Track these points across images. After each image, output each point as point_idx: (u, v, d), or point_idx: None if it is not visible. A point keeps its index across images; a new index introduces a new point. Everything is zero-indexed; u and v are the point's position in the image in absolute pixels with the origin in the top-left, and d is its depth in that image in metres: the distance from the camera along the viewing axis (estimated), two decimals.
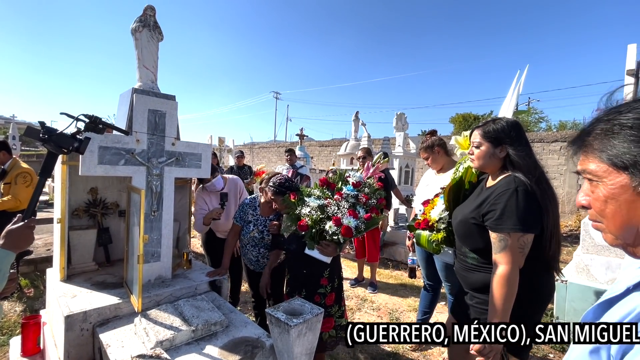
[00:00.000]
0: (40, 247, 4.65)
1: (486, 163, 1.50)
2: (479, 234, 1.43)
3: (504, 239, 1.31)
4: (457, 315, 1.70)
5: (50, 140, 1.29)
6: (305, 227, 1.80)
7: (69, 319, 1.60)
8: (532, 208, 1.30)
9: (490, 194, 1.43)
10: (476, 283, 1.49)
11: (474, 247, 1.49)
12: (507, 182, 1.39)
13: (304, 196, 1.92)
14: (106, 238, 2.40)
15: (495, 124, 1.47)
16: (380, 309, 3.41)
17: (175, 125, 2.11)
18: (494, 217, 1.34)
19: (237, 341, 1.64)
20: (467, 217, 1.50)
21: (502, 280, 1.29)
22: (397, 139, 7.39)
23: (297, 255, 1.93)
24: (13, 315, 3.18)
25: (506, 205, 1.32)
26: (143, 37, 2.09)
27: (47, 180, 6.19)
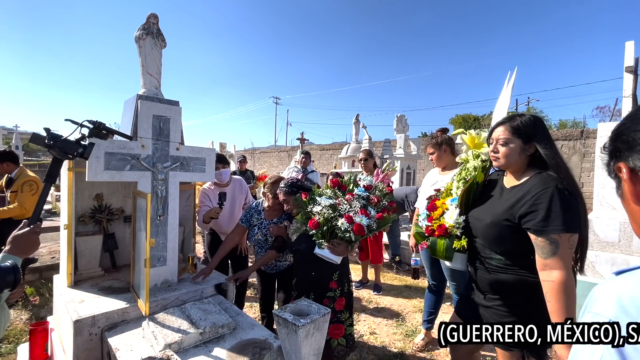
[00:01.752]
0: (45, 255, 4.67)
1: (514, 161, 1.43)
2: (513, 236, 1.37)
3: (555, 241, 1.23)
4: (464, 315, 1.67)
5: (55, 146, 1.31)
6: (316, 224, 1.81)
7: (77, 324, 1.62)
8: (574, 207, 1.25)
9: (525, 194, 1.35)
10: (500, 285, 1.45)
11: (504, 249, 1.42)
12: (543, 181, 1.32)
13: (316, 196, 1.94)
14: (112, 244, 2.42)
15: (522, 118, 1.42)
16: (385, 310, 3.40)
17: (180, 131, 2.13)
18: (538, 218, 1.26)
19: (244, 343, 1.64)
20: (500, 219, 1.41)
21: (562, 287, 1.21)
22: (398, 141, 7.42)
23: (305, 255, 1.94)
24: (19, 324, 3.19)
25: (550, 206, 1.24)
26: (147, 44, 2.12)
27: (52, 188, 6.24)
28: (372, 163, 3.97)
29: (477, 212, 1.59)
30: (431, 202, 1.89)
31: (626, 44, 2.83)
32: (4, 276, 0.71)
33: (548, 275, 1.25)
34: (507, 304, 1.43)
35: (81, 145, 1.39)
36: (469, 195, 1.72)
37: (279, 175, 2.47)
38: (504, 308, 1.44)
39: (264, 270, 2.58)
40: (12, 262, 0.74)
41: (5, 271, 0.71)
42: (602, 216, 2.68)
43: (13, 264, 0.74)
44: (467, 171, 1.77)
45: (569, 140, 8.70)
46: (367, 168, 3.93)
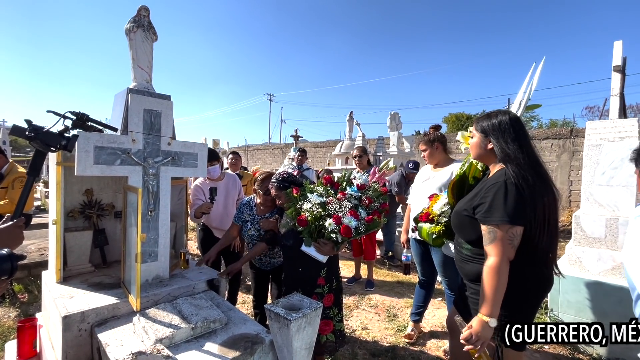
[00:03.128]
0: (33, 252, 4.59)
1: (478, 154, 1.56)
2: (471, 225, 1.46)
3: (493, 230, 1.34)
4: (459, 307, 1.73)
5: (36, 138, 1.27)
6: (304, 222, 1.80)
7: (66, 320, 1.60)
8: (519, 201, 1.31)
9: (482, 187, 1.47)
10: (470, 274, 1.52)
11: (467, 238, 1.53)
12: (497, 176, 1.42)
13: (307, 192, 1.93)
14: (102, 239, 2.39)
15: (488, 116, 1.52)
16: (377, 306, 3.43)
17: (171, 125, 2.11)
18: (483, 209, 1.38)
19: (236, 338, 1.64)
20: (461, 209, 1.55)
21: (492, 272, 1.31)
22: (392, 138, 7.46)
23: (293, 251, 1.94)
24: (7, 321, 3.14)
25: (494, 198, 1.34)
26: (137, 37, 2.09)
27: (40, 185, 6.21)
28: (366, 160, 3.98)
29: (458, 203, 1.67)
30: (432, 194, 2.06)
31: (614, 44, 2.89)
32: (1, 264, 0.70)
33: (486, 260, 1.36)
34: (477, 292, 1.48)
35: (64, 137, 1.35)
36: (461, 188, 1.79)
37: (269, 171, 2.47)
38: (476, 296, 1.49)
39: (258, 267, 2.58)
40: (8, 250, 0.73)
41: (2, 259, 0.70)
42: (589, 213, 2.73)
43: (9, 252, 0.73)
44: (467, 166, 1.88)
45: (558, 139, 8.84)
46: (361, 165, 3.94)
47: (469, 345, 1.30)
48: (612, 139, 2.68)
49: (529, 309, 1.46)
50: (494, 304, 1.30)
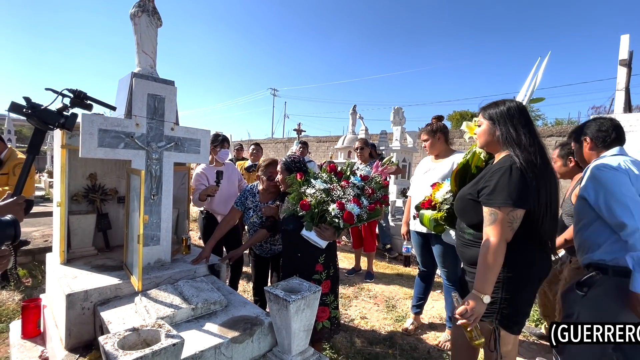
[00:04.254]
0: (37, 238, 4.66)
1: (485, 141, 1.56)
2: (474, 209, 1.48)
3: (494, 212, 1.36)
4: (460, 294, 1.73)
5: (34, 116, 1.28)
6: (307, 206, 1.83)
7: (70, 298, 1.63)
8: (523, 185, 1.33)
9: (488, 171, 1.49)
10: (472, 258, 1.53)
11: (469, 222, 1.55)
12: (503, 161, 1.44)
13: (311, 178, 1.96)
14: (105, 224, 2.42)
15: (495, 104, 1.53)
16: (377, 297, 3.45)
17: (175, 111, 2.12)
18: (487, 192, 1.40)
19: (236, 319, 1.67)
20: (465, 193, 1.57)
21: (489, 251, 1.34)
22: (395, 133, 7.43)
23: (292, 236, 1.96)
24: (12, 304, 3.19)
25: (498, 181, 1.36)
26: (142, 22, 2.09)
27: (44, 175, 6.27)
28: (367, 152, 3.98)
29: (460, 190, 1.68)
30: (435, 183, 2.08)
31: (621, 37, 2.85)
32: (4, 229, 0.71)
33: (484, 241, 1.38)
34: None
35: (63, 115, 1.36)
36: (463, 176, 1.80)
37: (273, 158, 2.48)
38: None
39: (259, 254, 2.60)
40: (12, 216, 0.75)
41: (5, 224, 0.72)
42: None
43: (13, 218, 0.74)
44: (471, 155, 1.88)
45: (563, 137, 8.77)
46: (362, 157, 3.94)
47: (462, 320, 1.34)
48: None
49: (530, 293, 1.48)
50: (488, 282, 1.34)
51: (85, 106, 1.46)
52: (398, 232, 5.21)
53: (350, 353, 2.41)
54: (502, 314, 1.44)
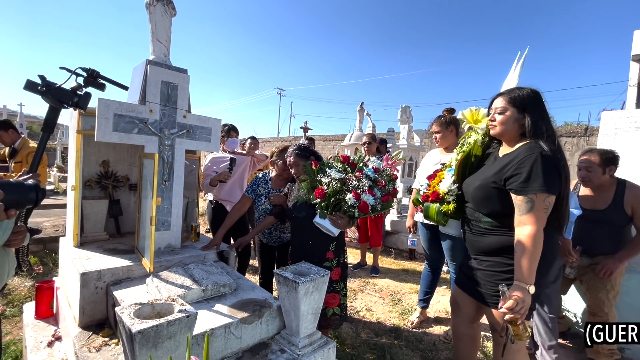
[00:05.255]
0: (48, 228, 4.75)
1: (508, 129, 1.54)
2: (499, 197, 1.47)
3: (531, 200, 1.35)
4: (463, 285, 1.74)
5: (48, 94, 1.30)
6: (323, 194, 1.85)
7: (84, 276, 1.66)
8: (554, 171, 1.36)
9: (513, 159, 1.46)
10: (488, 246, 1.53)
11: (491, 210, 1.53)
12: (529, 148, 1.43)
13: (326, 167, 1.98)
14: (117, 209, 2.47)
15: (520, 90, 1.52)
16: (382, 291, 3.46)
17: (187, 99, 2.16)
18: (520, 180, 1.38)
19: (245, 301, 1.69)
20: (488, 182, 1.53)
21: (530, 240, 1.32)
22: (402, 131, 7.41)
23: (304, 224, 1.98)
24: (23, 290, 3.26)
25: (532, 169, 1.36)
26: (157, 11, 2.13)
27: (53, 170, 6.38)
28: (375, 147, 4.00)
29: (469, 178, 1.72)
30: (434, 173, 2.00)
31: (635, 33, 2.83)
32: (27, 192, 0.74)
33: (521, 229, 1.37)
34: (496, 263, 1.51)
35: (76, 94, 1.38)
36: (465, 166, 1.80)
37: (286, 144, 2.50)
38: (495, 268, 1.52)
39: (266, 243, 2.63)
40: (34, 181, 0.78)
41: (28, 188, 0.75)
42: None
43: (35, 182, 0.77)
44: (469, 145, 1.85)
45: (572, 137, 8.69)
46: (370, 152, 3.95)
47: (511, 315, 1.30)
48: (628, 128, 2.64)
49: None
50: (532, 271, 1.32)
51: (98, 85, 1.47)
52: (404, 228, 5.21)
53: (356, 343, 2.42)
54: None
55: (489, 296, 1.54)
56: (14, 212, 0.70)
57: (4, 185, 0.69)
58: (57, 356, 1.74)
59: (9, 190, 0.68)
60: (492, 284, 1.51)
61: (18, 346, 2.26)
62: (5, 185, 0.68)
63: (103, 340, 1.53)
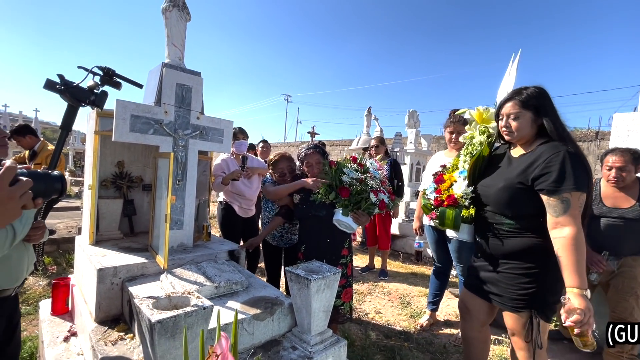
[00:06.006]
0: (62, 229, 4.85)
1: (525, 133, 1.49)
2: (525, 198, 1.43)
3: (566, 199, 1.30)
4: (475, 288, 1.72)
5: (67, 92, 1.35)
6: (347, 193, 1.94)
7: (101, 272, 1.71)
8: (582, 168, 1.34)
9: (536, 158, 1.41)
10: (510, 250, 1.50)
11: (516, 212, 1.48)
12: (553, 147, 1.39)
13: (342, 167, 2.07)
14: (131, 209, 2.52)
15: (528, 91, 1.48)
16: (391, 294, 3.44)
17: (200, 101, 2.21)
18: (550, 179, 1.33)
19: (257, 299, 1.71)
20: (513, 182, 1.47)
21: (574, 242, 1.26)
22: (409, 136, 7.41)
23: (323, 223, 2.04)
24: (38, 289, 3.33)
25: (562, 167, 1.32)
26: (173, 16, 2.20)
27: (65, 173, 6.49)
28: (383, 150, 4.01)
29: (487, 180, 1.65)
30: (438, 176, 1.95)
31: None
32: (53, 182, 0.77)
33: (559, 232, 1.31)
34: (518, 267, 1.48)
35: (93, 92, 1.43)
36: (475, 168, 1.78)
37: (280, 153, 2.53)
38: (516, 271, 1.49)
39: (276, 245, 2.65)
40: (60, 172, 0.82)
41: (54, 178, 0.78)
42: None
43: (60, 173, 0.81)
44: (474, 146, 1.84)
45: (583, 142, 8.58)
46: (378, 154, 3.97)
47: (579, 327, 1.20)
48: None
49: None
50: (583, 274, 1.25)
51: (114, 84, 1.52)
52: (412, 232, 5.19)
53: (366, 344, 2.42)
54: (543, 303, 1.42)
55: (509, 300, 1.51)
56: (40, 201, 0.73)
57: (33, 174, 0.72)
58: (73, 351, 1.78)
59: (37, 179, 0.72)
60: (514, 287, 1.48)
61: (34, 342, 2.31)
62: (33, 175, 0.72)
63: (119, 335, 1.56)
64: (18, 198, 0.63)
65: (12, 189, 0.62)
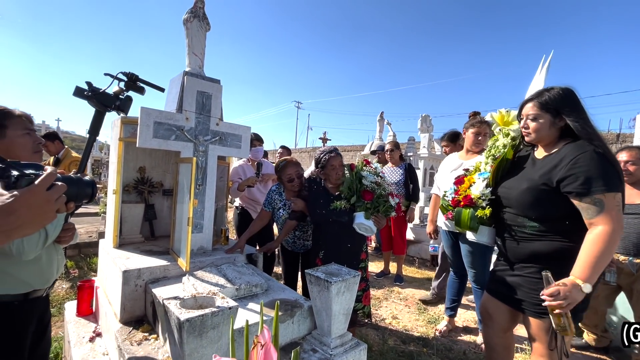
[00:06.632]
0: (83, 234, 5.00)
1: (543, 135, 1.47)
2: (549, 200, 1.40)
3: (599, 201, 1.25)
4: (498, 293, 1.69)
5: (94, 98, 1.42)
6: (370, 196, 2.00)
7: (125, 274, 1.75)
8: (612, 168, 1.29)
9: (562, 159, 1.37)
10: (532, 253, 1.47)
11: (540, 214, 1.45)
12: (578, 147, 1.35)
13: (360, 170, 2.13)
14: (152, 214, 2.59)
15: (550, 92, 1.46)
16: (407, 299, 3.40)
17: (219, 107, 2.27)
18: (579, 181, 1.28)
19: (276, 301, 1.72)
20: (537, 184, 1.43)
21: (605, 237, 1.22)
22: (422, 140, 7.38)
23: (344, 227, 2.07)
24: (61, 291, 3.43)
25: (590, 167, 1.27)
26: (193, 26, 2.28)
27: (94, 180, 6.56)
28: (398, 154, 4.00)
29: (509, 182, 1.63)
30: (460, 177, 1.96)
31: None
32: (85, 187, 0.80)
33: (593, 229, 1.27)
34: (536, 270, 1.45)
35: (118, 98, 1.49)
36: (498, 170, 1.76)
37: (286, 159, 2.53)
38: (536, 275, 1.45)
39: (291, 250, 2.66)
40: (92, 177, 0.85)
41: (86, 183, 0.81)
42: None
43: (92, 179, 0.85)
44: (497, 149, 1.82)
45: None
46: (393, 159, 3.96)
47: (550, 301, 1.24)
48: None
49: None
50: (591, 268, 1.22)
51: (138, 89, 1.57)
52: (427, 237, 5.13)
53: (383, 349, 2.39)
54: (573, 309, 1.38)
55: (531, 305, 1.48)
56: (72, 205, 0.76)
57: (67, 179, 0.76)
58: (98, 350, 1.82)
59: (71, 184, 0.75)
60: (536, 291, 1.44)
61: (60, 343, 2.37)
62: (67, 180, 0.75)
63: (143, 335, 1.60)
64: (54, 202, 0.66)
65: (49, 193, 0.65)
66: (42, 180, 0.62)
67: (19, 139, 1.33)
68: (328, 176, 2.22)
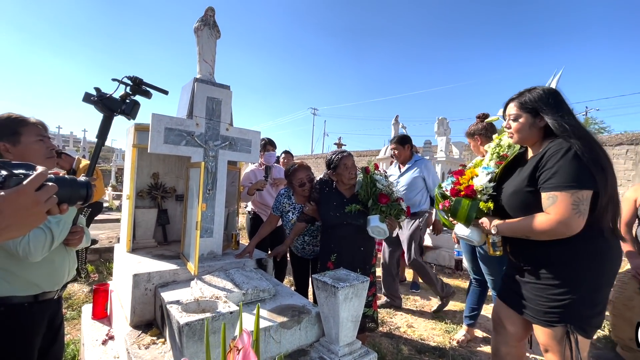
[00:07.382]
0: (104, 239, 5.16)
1: (526, 135, 1.45)
2: (538, 202, 1.35)
3: (553, 197, 1.27)
4: (508, 299, 1.59)
5: (100, 103, 1.45)
6: (387, 200, 2.01)
7: (135, 278, 1.77)
8: (582, 165, 1.25)
9: (540, 159, 1.36)
10: (535, 258, 1.41)
11: None
12: (557, 144, 1.33)
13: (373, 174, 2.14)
14: (164, 219, 2.63)
15: (531, 92, 1.43)
16: (423, 307, 3.29)
17: (229, 113, 2.29)
18: (546, 177, 1.30)
19: (284, 307, 1.70)
20: (521, 187, 1.42)
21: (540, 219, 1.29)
22: (439, 144, 7.22)
23: (357, 231, 2.06)
24: (81, 295, 3.53)
25: (555, 165, 1.28)
26: (204, 34, 2.32)
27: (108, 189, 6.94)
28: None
29: (505, 184, 1.58)
30: (458, 170, 1.86)
31: None
32: (79, 189, 0.78)
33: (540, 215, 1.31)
34: (548, 276, 1.37)
35: (124, 102, 1.52)
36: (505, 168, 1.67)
37: (297, 163, 2.50)
38: (547, 281, 1.38)
39: (301, 256, 2.62)
40: (87, 179, 0.83)
41: (80, 184, 0.79)
42: None
43: (87, 180, 0.82)
44: (502, 148, 1.77)
45: (635, 145, 7.87)
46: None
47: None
48: None
49: (608, 288, 1.34)
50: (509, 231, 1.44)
51: (143, 92, 1.59)
52: (445, 243, 4.97)
53: (397, 359, 2.30)
54: (579, 316, 1.30)
55: (540, 313, 1.39)
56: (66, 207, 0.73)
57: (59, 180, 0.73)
58: (110, 354, 1.84)
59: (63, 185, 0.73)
60: (544, 299, 1.36)
61: (77, 345, 2.43)
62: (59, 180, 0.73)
63: (151, 339, 1.60)
64: (43, 203, 0.64)
65: (38, 194, 0.63)
66: (31, 181, 0.61)
67: (33, 145, 1.38)
68: (341, 176, 2.16)
